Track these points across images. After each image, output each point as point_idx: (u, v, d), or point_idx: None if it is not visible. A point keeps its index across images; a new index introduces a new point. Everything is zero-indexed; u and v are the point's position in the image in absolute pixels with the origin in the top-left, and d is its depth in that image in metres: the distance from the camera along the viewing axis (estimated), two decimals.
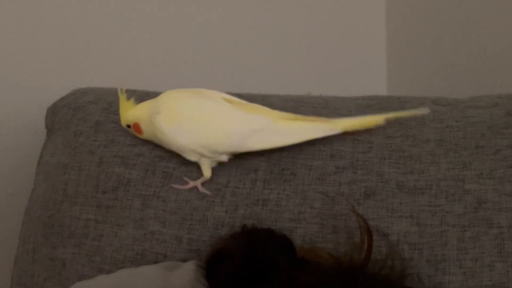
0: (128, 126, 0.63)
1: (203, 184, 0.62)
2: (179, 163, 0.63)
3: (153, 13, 0.92)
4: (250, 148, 0.61)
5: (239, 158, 0.62)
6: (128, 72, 0.90)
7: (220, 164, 0.62)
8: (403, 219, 0.58)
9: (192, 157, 0.62)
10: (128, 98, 0.63)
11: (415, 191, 0.59)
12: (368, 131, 0.63)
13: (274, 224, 0.59)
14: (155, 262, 0.60)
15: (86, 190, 0.64)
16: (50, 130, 0.70)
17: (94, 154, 0.65)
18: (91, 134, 0.66)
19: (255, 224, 0.59)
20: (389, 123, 0.65)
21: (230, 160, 0.62)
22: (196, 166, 0.62)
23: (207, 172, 0.62)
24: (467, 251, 0.56)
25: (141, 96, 0.64)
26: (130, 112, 0.62)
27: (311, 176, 0.61)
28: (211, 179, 0.62)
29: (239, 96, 0.69)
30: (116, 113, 0.67)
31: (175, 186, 0.62)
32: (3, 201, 0.83)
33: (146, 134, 0.63)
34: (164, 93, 0.64)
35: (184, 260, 0.58)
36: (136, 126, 0.63)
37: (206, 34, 0.95)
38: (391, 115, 0.63)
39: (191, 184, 0.62)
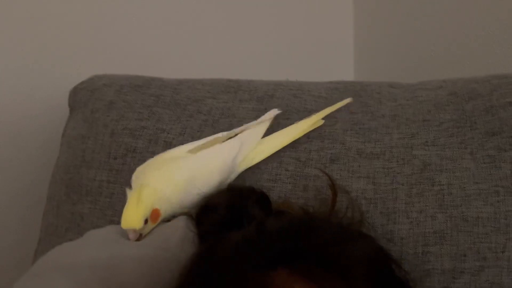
0: (145, 221, 0.50)
1: None
2: (178, 134, 0.62)
3: (158, 12, 0.91)
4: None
5: (227, 131, 0.61)
6: (136, 60, 0.89)
7: None
8: (361, 179, 0.57)
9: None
10: None
11: (372, 156, 0.58)
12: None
13: (256, 184, 0.58)
14: None
15: (100, 157, 0.62)
16: (72, 109, 0.69)
17: (107, 127, 0.64)
18: (105, 111, 0.65)
19: (239, 183, 0.58)
20: (352, 103, 0.64)
21: (220, 132, 0.60)
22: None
23: None
24: (414, 205, 0.55)
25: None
26: (143, 205, 0.50)
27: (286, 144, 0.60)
28: None
29: (229, 81, 0.69)
30: (127, 93, 0.66)
31: None
32: (37, 167, 0.82)
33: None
34: (144, 175, 0.53)
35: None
36: (156, 212, 0.51)
37: (202, 31, 0.94)
38: (324, 112, 0.60)
39: None
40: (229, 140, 0.57)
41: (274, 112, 0.61)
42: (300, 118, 0.62)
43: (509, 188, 0.54)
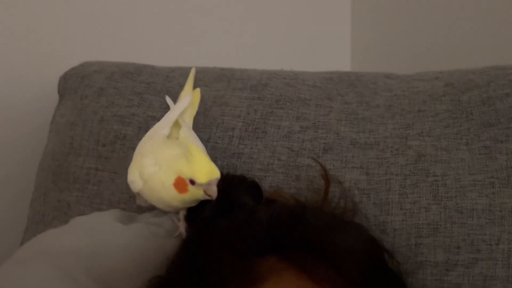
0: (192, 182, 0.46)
1: None
2: None
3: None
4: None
5: (218, 119, 0.60)
6: (127, 47, 0.88)
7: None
8: (355, 169, 0.56)
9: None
10: None
11: (366, 146, 0.57)
12: None
13: (247, 173, 0.57)
14: None
15: (89, 144, 0.62)
16: (62, 95, 0.68)
17: (96, 114, 0.63)
18: (94, 98, 0.64)
19: (230, 172, 0.57)
20: (346, 91, 0.63)
21: (212, 120, 0.60)
22: None
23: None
24: (407, 196, 0.54)
25: None
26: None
27: (279, 134, 0.59)
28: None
29: (223, 70, 0.68)
30: (117, 80, 0.65)
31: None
32: (25, 155, 0.81)
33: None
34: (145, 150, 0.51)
35: None
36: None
37: (197, 19, 0.93)
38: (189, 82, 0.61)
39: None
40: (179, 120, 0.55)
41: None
42: (294, 107, 0.61)
43: (504, 179, 0.53)
